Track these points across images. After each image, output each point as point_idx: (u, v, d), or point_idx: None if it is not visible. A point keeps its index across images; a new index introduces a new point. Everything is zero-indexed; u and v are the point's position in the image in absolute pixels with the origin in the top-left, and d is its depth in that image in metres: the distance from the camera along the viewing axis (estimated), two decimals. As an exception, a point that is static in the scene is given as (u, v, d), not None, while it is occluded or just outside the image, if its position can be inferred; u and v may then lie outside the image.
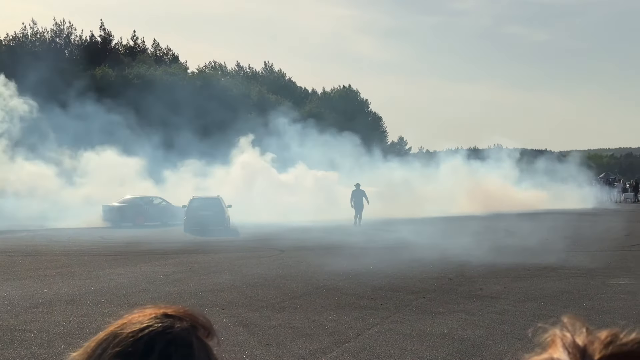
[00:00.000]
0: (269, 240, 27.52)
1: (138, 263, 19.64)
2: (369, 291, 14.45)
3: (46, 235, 30.21)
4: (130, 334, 1.23)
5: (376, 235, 30.06)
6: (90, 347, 1.25)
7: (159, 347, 1.21)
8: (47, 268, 18.52)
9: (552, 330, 1.07)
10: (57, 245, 25.67)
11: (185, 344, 1.23)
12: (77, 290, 14.83)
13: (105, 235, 30.78)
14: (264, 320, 11.50)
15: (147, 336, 1.22)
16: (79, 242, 26.76)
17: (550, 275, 16.74)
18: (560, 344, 1.04)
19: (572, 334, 1.04)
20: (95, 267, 18.82)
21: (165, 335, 1.22)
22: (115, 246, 25.19)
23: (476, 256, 21.02)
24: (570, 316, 1.07)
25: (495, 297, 13.73)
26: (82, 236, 29.92)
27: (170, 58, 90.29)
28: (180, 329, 1.25)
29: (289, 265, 19.00)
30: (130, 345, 1.21)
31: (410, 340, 10.15)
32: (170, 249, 24.12)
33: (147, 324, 1.25)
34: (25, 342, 10.08)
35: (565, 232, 30.54)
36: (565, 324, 1.07)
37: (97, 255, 21.80)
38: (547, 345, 1.06)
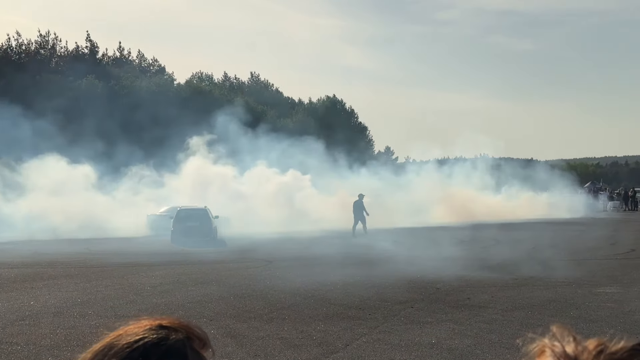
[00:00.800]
0: (256, 251, 27.47)
1: (125, 274, 19.55)
2: (357, 301, 14.45)
3: (32, 247, 30.02)
4: (126, 345, 1.24)
5: (361, 246, 30.05)
6: (87, 359, 1.26)
7: (154, 358, 1.21)
8: (33, 280, 18.42)
9: (541, 340, 1.08)
10: (42, 257, 25.51)
11: (179, 354, 1.23)
12: (64, 302, 14.75)
13: (91, 246, 30.62)
14: (252, 331, 11.48)
15: (143, 347, 1.23)
16: (65, 254, 26.60)
17: (537, 285, 16.79)
18: (550, 353, 1.05)
19: (562, 344, 1.05)
20: (81, 278, 18.73)
21: (160, 347, 1.23)
22: (101, 257, 25.07)
23: (462, 266, 21.08)
24: (558, 325, 1.08)
25: (483, 306, 13.76)
26: (68, 247, 29.74)
27: (157, 69, 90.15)
28: (174, 340, 1.25)
29: (276, 276, 18.96)
30: (126, 356, 1.22)
31: (398, 350, 10.15)
32: (157, 260, 24.03)
33: (142, 335, 1.25)
34: (12, 354, 10.01)
35: (552, 241, 30.64)
36: (554, 333, 1.07)
37: (83, 267, 21.69)
38: (535, 355, 1.07)
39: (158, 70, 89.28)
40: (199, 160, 52.18)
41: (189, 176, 50.86)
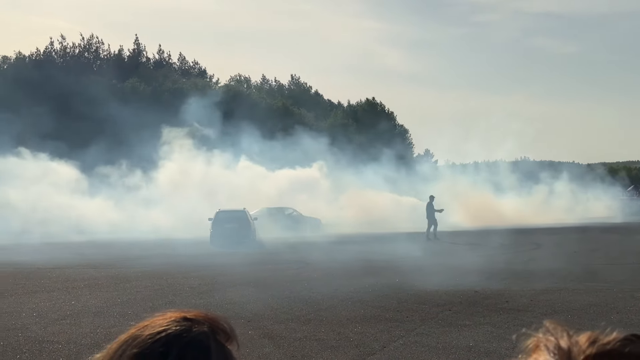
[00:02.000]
0: (295, 253, 27.55)
1: (163, 276, 19.72)
2: (394, 304, 14.42)
3: (70, 248, 30.40)
4: (149, 336, 1.26)
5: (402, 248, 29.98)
6: (112, 349, 1.29)
7: (175, 350, 1.23)
8: (74, 280, 18.68)
9: (535, 335, 1.10)
10: (82, 257, 25.83)
11: (201, 347, 1.25)
12: (104, 302, 14.94)
13: (133, 247, 30.89)
14: (290, 333, 11.52)
15: (165, 339, 1.25)
16: (105, 254, 26.90)
17: (578, 288, 16.60)
18: (544, 348, 1.06)
19: (556, 337, 1.07)
20: (121, 279, 18.94)
21: (182, 339, 1.25)
22: (140, 258, 25.30)
23: (502, 269, 20.94)
24: (551, 321, 1.10)
25: (522, 310, 13.64)
26: (109, 248, 30.06)
27: (197, 72, 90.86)
28: (197, 332, 1.27)
29: (314, 278, 19.00)
30: (148, 348, 1.24)
31: (435, 353, 10.11)
32: (195, 261, 24.20)
33: (165, 327, 1.27)
34: (54, 353, 10.17)
35: (594, 245, 30.31)
36: (548, 328, 1.09)
37: (123, 268, 21.92)
38: (530, 350, 1.09)
39: (199, 73, 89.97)
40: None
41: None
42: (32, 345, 10.66)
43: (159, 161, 52.91)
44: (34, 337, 11.27)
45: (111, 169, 51.97)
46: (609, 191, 76.85)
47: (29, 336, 11.36)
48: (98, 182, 49.92)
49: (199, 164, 52.74)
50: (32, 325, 12.30)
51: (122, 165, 52.30)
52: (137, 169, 51.98)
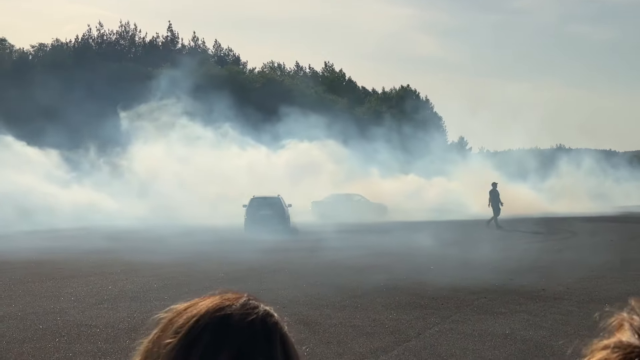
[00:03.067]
0: (327, 240, 27.55)
1: (198, 262, 19.83)
2: (429, 291, 14.37)
3: (103, 233, 30.69)
4: (190, 317, 1.27)
5: (434, 236, 29.89)
6: (163, 324, 1.30)
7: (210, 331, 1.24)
8: (111, 265, 18.85)
9: (619, 313, 1.06)
10: (117, 244, 26.05)
11: (239, 328, 1.25)
12: (141, 287, 15.07)
13: (164, 233, 31.08)
14: (325, 319, 11.54)
15: (203, 320, 1.25)
16: (141, 240, 27.09)
17: (615, 277, 16.44)
18: (628, 327, 1.03)
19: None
20: (157, 265, 19.07)
21: (222, 322, 1.25)
22: (173, 245, 25.43)
23: (538, 257, 20.80)
24: (637, 299, 1.07)
25: (559, 298, 13.54)
26: (145, 234, 30.26)
27: (232, 59, 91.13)
28: (239, 315, 1.27)
29: (347, 266, 19.00)
30: (187, 328, 1.25)
31: (471, 339, 10.07)
32: (230, 247, 24.30)
33: (206, 309, 1.28)
34: (92, 337, 10.28)
35: (632, 234, 29.98)
36: (633, 307, 1.06)
37: (158, 254, 22.06)
38: (614, 329, 1.05)
39: (233, 61, 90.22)
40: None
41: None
42: (70, 329, 10.79)
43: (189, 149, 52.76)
44: (72, 321, 11.40)
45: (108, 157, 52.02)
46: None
47: (68, 320, 11.50)
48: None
49: (236, 151, 52.95)
50: (70, 310, 12.45)
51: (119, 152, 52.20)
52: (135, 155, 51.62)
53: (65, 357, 9.12)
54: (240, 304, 1.29)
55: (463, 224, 38.28)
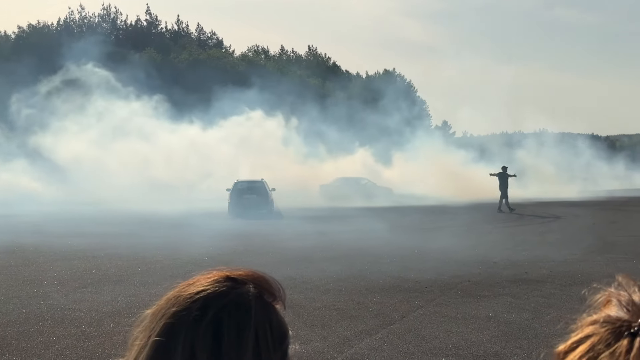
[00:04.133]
0: (313, 223, 27.59)
1: (182, 245, 19.80)
2: (413, 274, 14.42)
3: (93, 218, 30.60)
4: (188, 295, 1.26)
5: (416, 219, 29.99)
6: (159, 304, 1.29)
7: (212, 310, 1.22)
8: (95, 249, 18.79)
9: (606, 289, 1.06)
10: (103, 227, 25.98)
11: (241, 308, 1.23)
12: (124, 271, 15.04)
13: (149, 218, 31.01)
14: (309, 302, 11.56)
15: (203, 299, 1.24)
16: (125, 224, 27.03)
17: (597, 260, 16.56)
18: (615, 302, 1.03)
19: (629, 292, 1.04)
20: (141, 249, 19.03)
21: (220, 299, 1.24)
22: (159, 228, 25.40)
23: (520, 241, 20.91)
24: (624, 275, 1.07)
25: (541, 281, 13.62)
26: (128, 218, 30.18)
27: (215, 42, 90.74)
28: (237, 293, 1.26)
29: (332, 248, 19.04)
30: (186, 307, 1.24)
31: (455, 322, 10.12)
32: (214, 231, 24.28)
33: (205, 286, 1.27)
34: (76, 320, 10.26)
35: (613, 218, 30.20)
36: (620, 282, 1.06)
37: (142, 238, 22.01)
38: (601, 305, 1.05)
39: (216, 44, 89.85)
40: None
41: None
42: (54, 313, 10.76)
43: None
44: (55, 305, 11.36)
45: None
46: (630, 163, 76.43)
47: (51, 304, 11.46)
48: None
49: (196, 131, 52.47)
50: (53, 293, 12.41)
51: None
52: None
53: (49, 341, 9.09)
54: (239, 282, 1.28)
55: (436, 209, 38.38)
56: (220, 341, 1.21)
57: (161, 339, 1.23)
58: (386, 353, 8.55)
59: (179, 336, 1.22)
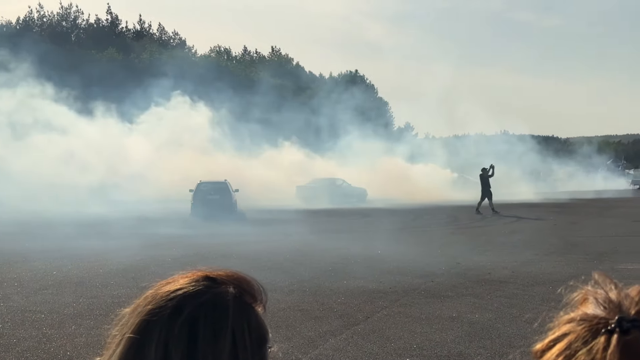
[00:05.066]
0: (277, 224, 27.57)
1: (145, 247, 19.66)
2: (377, 275, 14.46)
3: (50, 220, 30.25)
4: (165, 293, 1.25)
5: (379, 220, 30.09)
6: (137, 302, 1.27)
7: (187, 309, 1.21)
8: (55, 250, 18.58)
9: (583, 287, 1.07)
10: (64, 229, 25.70)
11: (218, 308, 1.22)
12: (86, 272, 14.88)
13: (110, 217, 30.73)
14: (273, 303, 11.52)
15: (179, 297, 1.23)
16: (87, 225, 26.76)
17: (558, 260, 16.73)
18: (592, 300, 1.03)
19: (605, 290, 1.04)
20: (103, 250, 18.86)
21: (197, 298, 1.22)
22: (122, 229, 25.20)
23: (484, 242, 21.08)
24: (600, 273, 1.07)
25: (504, 281, 13.73)
26: (89, 218, 29.88)
27: (177, 42, 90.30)
28: (214, 292, 1.24)
29: (297, 249, 19.03)
30: (162, 306, 1.22)
31: (419, 323, 10.16)
32: (177, 232, 24.16)
33: (181, 285, 1.25)
34: (36, 322, 10.12)
35: (573, 218, 30.57)
36: (596, 280, 1.07)
37: (105, 239, 21.82)
38: (577, 303, 1.06)
39: (179, 44, 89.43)
40: None
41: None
42: (14, 315, 10.60)
43: None
44: (16, 307, 11.20)
45: None
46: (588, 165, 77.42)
47: (11, 306, 11.30)
48: None
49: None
50: (13, 295, 12.24)
51: None
52: None
53: (9, 344, 8.96)
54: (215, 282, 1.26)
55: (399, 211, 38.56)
56: (196, 340, 1.19)
57: (135, 336, 1.21)
58: (351, 354, 8.55)
59: (153, 333, 1.20)
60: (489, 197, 36.03)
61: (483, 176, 36.63)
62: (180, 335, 1.19)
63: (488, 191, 36.13)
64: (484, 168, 37.12)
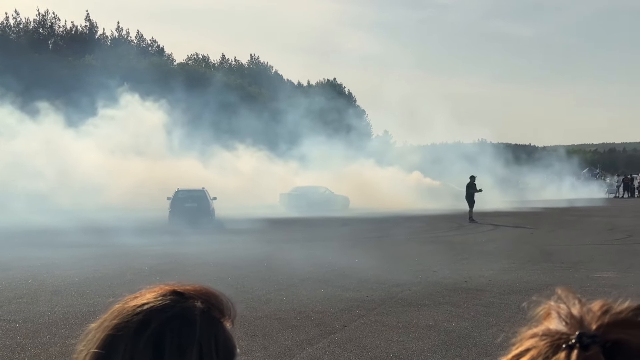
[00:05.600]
0: (255, 232, 27.51)
1: (122, 254, 19.55)
2: (354, 283, 14.46)
3: (29, 227, 29.99)
4: (131, 308, 1.23)
5: (357, 228, 30.11)
6: (103, 317, 1.26)
7: (154, 323, 1.20)
8: (31, 259, 18.43)
9: (546, 302, 1.08)
10: (40, 236, 25.50)
11: (185, 322, 1.21)
12: (62, 281, 14.77)
13: (88, 224, 30.48)
14: (250, 312, 11.50)
15: (145, 312, 1.22)
16: (64, 232, 26.54)
17: (534, 269, 16.82)
18: (555, 315, 1.04)
19: (568, 305, 1.05)
20: (79, 258, 18.72)
21: (163, 313, 1.22)
22: (99, 237, 25.00)
23: (460, 250, 21.15)
24: (563, 288, 1.08)
25: (481, 289, 13.78)
26: (69, 224, 29.62)
27: (156, 49, 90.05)
28: (181, 307, 1.23)
29: (275, 257, 18.99)
30: (128, 320, 1.21)
31: (396, 331, 10.17)
32: (154, 240, 24.04)
33: (149, 300, 1.24)
34: (11, 331, 10.03)
35: (550, 226, 30.73)
36: (559, 295, 1.07)
37: (81, 247, 21.67)
38: (541, 318, 1.06)
39: (157, 51, 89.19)
40: None
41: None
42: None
43: None
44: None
45: None
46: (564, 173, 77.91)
47: (-15, 315, 11.20)
48: None
49: None
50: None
51: None
52: None
53: (-17, 353, 8.87)
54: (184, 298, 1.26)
55: (378, 219, 38.59)
56: (162, 356, 1.18)
57: (100, 351, 1.20)
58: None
59: (118, 348, 1.19)
60: (470, 205, 36.13)
61: (470, 184, 36.72)
62: (146, 350, 1.18)
63: (472, 199, 36.29)
64: (472, 176, 37.23)
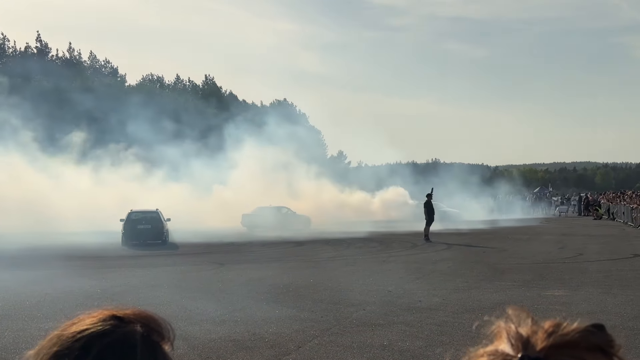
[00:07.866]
0: (208, 254, 27.35)
1: (74, 277, 19.28)
2: (309, 304, 14.45)
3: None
4: (71, 334, 1.22)
5: (310, 249, 30.10)
6: (41, 344, 1.25)
7: (95, 349, 1.19)
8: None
9: (498, 322, 1.09)
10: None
11: (126, 347, 1.21)
12: (11, 304, 14.51)
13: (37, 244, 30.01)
14: (204, 334, 11.42)
15: (86, 338, 1.21)
16: (8, 252, 26.07)
17: (487, 288, 16.96)
18: (505, 335, 1.06)
19: (517, 325, 1.06)
20: (29, 280, 18.44)
21: (104, 338, 1.21)
22: (49, 258, 24.62)
23: (414, 269, 21.24)
24: (514, 307, 1.10)
25: (434, 309, 13.86)
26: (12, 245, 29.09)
27: (109, 70, 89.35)
28: (122, 332, 1.23)
29: (228, 279, 18.91)
30: (67, 347, 1.21)
31: (350, 352, 10.18)
32: (107, 263, 23.76)
33: (89, 325, 1.24)
34: (-42, 357, 9.84)
35: (501, 246, 31.01)
36: (510, 315, 1.09)
37: (31, 269, 21.32)
38: (493, 337, 1.08)
39: (110, 72, 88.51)
40: None
41: None
42: None
43: None
44: (-63, 342, 10.87)
45: None
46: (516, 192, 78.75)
47: None
48: None
49: None
50: None
51: None
52: None
53: None
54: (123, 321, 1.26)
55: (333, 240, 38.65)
56: None
57: None
58: (282, 384, 8.52)
59: None
60: (428, 224, 35.99)
61: (428, 203, 36.60)
62: None
63: (432, 217, 36.16)
64: (429, 194, 37.01)
